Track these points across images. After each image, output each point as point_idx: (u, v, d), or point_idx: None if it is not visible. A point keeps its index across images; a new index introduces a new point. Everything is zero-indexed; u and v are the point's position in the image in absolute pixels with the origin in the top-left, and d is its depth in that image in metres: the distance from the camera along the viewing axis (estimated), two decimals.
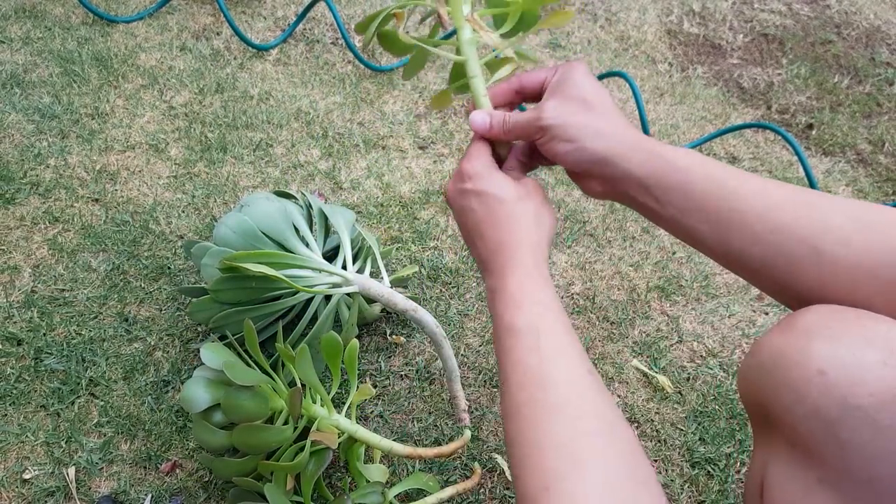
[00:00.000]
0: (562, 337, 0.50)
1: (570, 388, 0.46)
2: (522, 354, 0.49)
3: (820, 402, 0.43)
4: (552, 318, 0.51)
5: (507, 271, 0.54)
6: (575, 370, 0.48)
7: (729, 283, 1.12)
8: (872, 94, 1.56)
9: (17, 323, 0.97)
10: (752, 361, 0.51)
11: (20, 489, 0.82)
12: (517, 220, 0.55)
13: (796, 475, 0.46)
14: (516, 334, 0.50)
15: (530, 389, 0.47)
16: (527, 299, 0.52)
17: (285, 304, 0.88)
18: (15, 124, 1.25)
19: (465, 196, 0.58)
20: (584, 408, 0.45)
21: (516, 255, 0.54)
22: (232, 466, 0.75)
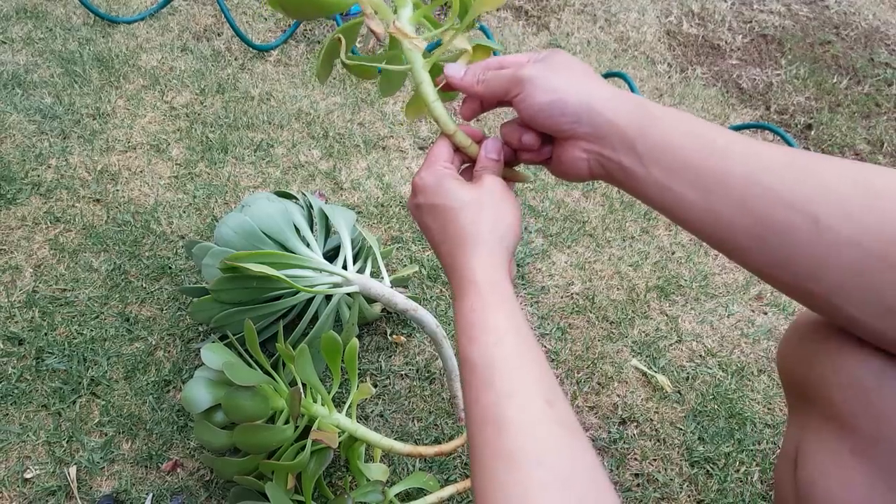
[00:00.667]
0: (517, 369, 0.46)
1: (524, 431, 0.43)
2: (479, 391, 0.46)
3: (857, 371, 0.44)
4: (507, 346, 0.47)
5: (461, 292, 0.50)
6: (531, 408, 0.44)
7: (728, 283, 1.12)
8: (871, 95, 1.56)
9: (18, 323, 0.97)
10: (792, 334, 0.51)
11: (21, 488, 0.82)
12: (470, 230, 0.52)
13: (830, 447, 0.46)
14: (471, 368, 0.47)
15: (487, 431, 0.44)
16: (479, 327, 0.48)
17: (286, 304, 0.88)
18: (16, 124, 1.25)
19: (419, 211, 0.55)
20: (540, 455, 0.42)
21: (468, 272, 0.51)
22: (233, 466, 0.75)
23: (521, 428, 0.43)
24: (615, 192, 1.25)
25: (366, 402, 0.93)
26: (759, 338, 1.04)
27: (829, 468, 0.46)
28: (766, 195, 0.43)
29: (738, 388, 0.98)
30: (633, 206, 1.23)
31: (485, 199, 0.53)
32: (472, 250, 0.51)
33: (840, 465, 0.46)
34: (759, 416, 0.94)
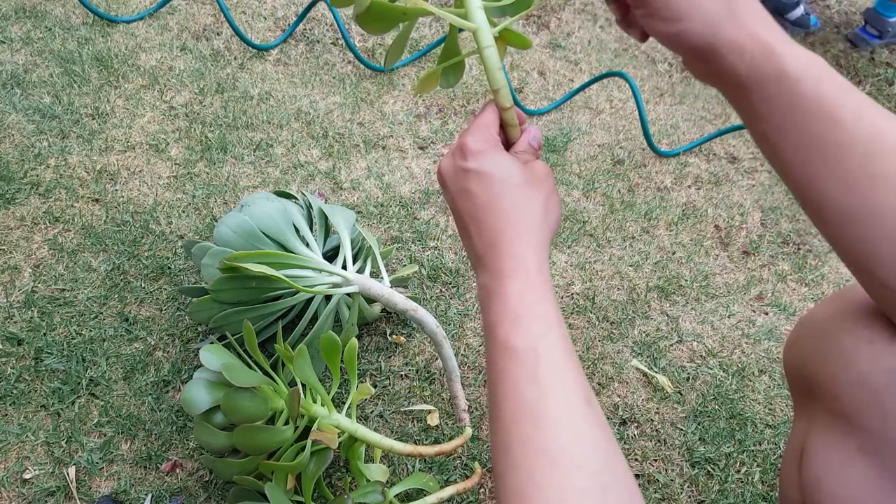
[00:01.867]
0: (562, 363, 0.44)
1: (567, 431, 0.41)
2: (518, 383, 0.43)
3: (867, 370, 0.44)
4: (553, 338, 0.44)
5: (506, 273, 0.47)
6: (574, 406, 0.42)
7: (728, 283, 1.12)
8: (872, 94, 1.56)
9: (17, 323, 0.97)
10: (801, 331, 0.51)
11: (20, 489, 0.82)
12: (523, 210, 0.48)
13: (836, 444, 0.46)
14: (513, 356, 0.44)
15: (524, 426, 0.42)
16: (526, 313, 0.45)
17: (285, 304, 0.88)
18: (15, 124, 1.25)
19: (464, 176, 0.50)
20: (579, 457, 0.40)
21: (518, 253, 0.47)
22: (233, 467, 0.75)
23: (563, 428, 0.41)
24: (615, 192, 1.25)
25: (365, 402, 0.93)
26: (760, 338, 1.04)
27: (834, 466, 0.46)
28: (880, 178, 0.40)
29: (738, 388, 0.97)
30: (634, 205, 1.23)
31: (541, 183, 0.49)
32: (525, 232, 0.47)
33: (846, 463, 0.45)
34: (759, 417, 0.94)
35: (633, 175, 1.29)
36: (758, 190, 1.30)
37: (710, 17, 0.43)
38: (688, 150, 1.36)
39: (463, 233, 0.51)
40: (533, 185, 0.49)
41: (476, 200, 0.49)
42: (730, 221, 1.23)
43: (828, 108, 0.41)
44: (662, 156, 1.34)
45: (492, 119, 0.52)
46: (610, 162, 1.31)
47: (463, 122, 1.37)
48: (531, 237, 0.47)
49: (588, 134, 1.38)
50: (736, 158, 1.36)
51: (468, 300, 1.05)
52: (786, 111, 0.42)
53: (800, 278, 1.15)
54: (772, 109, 0.43)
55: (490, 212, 0.48)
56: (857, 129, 0.41)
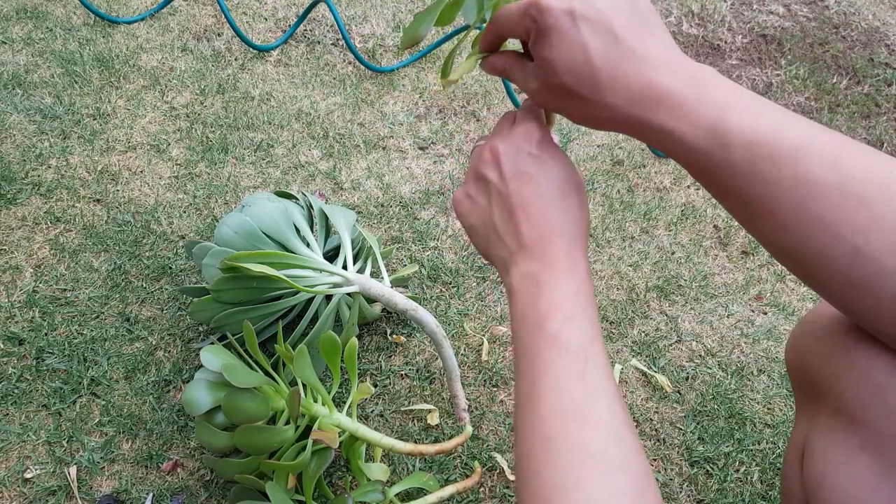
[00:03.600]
0: (606, 368, 0.44)
1: (610, 434, 0.41)
2: (565, 378, 0.42)
3: (872, 367, 0.44)
4: (599, 343, 0.44)
5: (562, 266, 0.46)
6: (616, 410, 0.42)
7: (728, 282, 1.12)
8: (871, 95, 1.56)
9: (18, 323, 0.97)
10: (805, 328, 0.52)
11: (22, 488, 0.82)
12: (577, 214, 0.48)
13: (839, 442, 0.47)
14: (563, 351, 0.43)
15: (566, 422, 0.41)
16: (580, 313, 0.45)
17: (286, 304, 0.89)
18: (16, 125, 1.25)
19: (529, 160, 0.48)
20: (621, 460, 0.40)
21: (574, 254, 0.46)
22: (234, 467, 0.75)
23: (608, 429, 0.41)
24: (615, 192, 1.25)
25: (366, 402, 0.93)
26: (759, 338, 1.04)
27: (837, 463, 0.46)
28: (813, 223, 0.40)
29: (737, 388, 0.98)
30: (633, 206, 1.23)
31: (584, 190, 0.50)
32: (578, 236, 0.47)
33: (849, 461, 0.46)
34: (758, 416, 0.95)
35: (632, 175, 1.29)
36: None
37: (589, 106, 0.44)
38: None
39: (505, 219, 0.49)
40: (583, 190, 0.49)
41: (538, 189, 0.48)
42: (729, 221, 1.23)
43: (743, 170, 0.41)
44: (662, 156, 1.34)
45: (542, 114, 0.51)
46: (609, 162, 1.32)
47: (463, 123, 1.37)
48: (581, 240, 0.48)
49: (587, 134, 1.38)
50: None
51: (468, 300, 1.06)
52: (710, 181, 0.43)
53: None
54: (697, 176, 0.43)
55: (550, 205, 0.47)
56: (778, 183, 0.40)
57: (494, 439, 0.90)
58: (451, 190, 1.23)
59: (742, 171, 0.41)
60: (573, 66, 0.43)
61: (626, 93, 0.42)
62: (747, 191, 0.41)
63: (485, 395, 0.95)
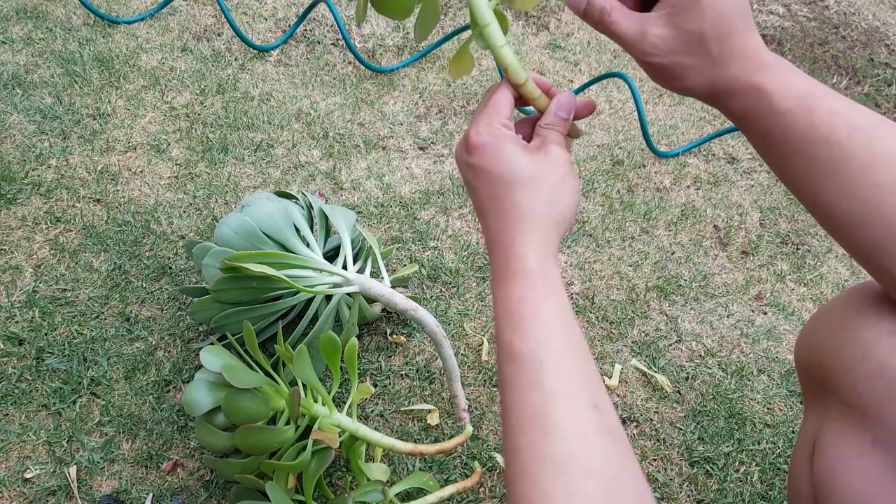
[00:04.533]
0: (567, 367, 0.43)
1: (574, 438, 0.41)
2: (523, 389, 0.43)
3: (887, 361, 0.44)
4: (558, 342, 0.44)
5: (507, 276, 0.46)
6: (581, 411, 0.42)
7: (727, 283, 1.12)
8: (871, 95, 1.56)
9: (18, 323, 0.97)
10: (817, 323, 0.52)
11: (22, 488, 0.82)
12: (524, 208, 0.46)
13: (850, 437, 0.47)
14: (517, 362, 0.43)
15: (531, 433, 0.41)
16: (528, 320, 0.44)
17: (286, 304, 0.89)
18: (16, 125, 1.25)
19: (467, 170, 0.49)
20: (587, 464, 0.40)
21: (518, 254, 0.46)
22: (235, 467, 0.75)
23: (570, 434, 0.41)
24: (615, 192, 1.25)
25: (366, 402, 0.93)
26: (759, 338, 1.04)
27: (848, 457, 0.46)
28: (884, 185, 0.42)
29: (737, 388, 0.98)
30: (633, 206, 1.23)
31: (547, 174, 0.47)
32: (524, 233, 0.46)
33: (861, 455, 0.46)
34: (758, 416, 0.95)
35: (632, 175, 1.29)
36: (756, 190, 1.30)
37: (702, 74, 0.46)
38: (687, 150, 1.36)
39: (479, 220, 0.51)
40: (537, 179, 0.47)
41: (479, 196, 0.49)
42: (729, 221, 1.23)
43: (822, 133, 0.44)
44: (661, 156, 1.34)
45: (503, 102, 0.50)
46: (609, 162, 1.32)
47: (463, 123, 1.37)
48: (531, 236, 0.46)
49: (587, 134, 1.38)
50: (735, 159, 1.37)
51: (468, 300, 1.06)
52: (784, 141, 0.45)
53: (798, 278, 1.15)
54: (770, 142, 0.46)
55: (491, 210, 0.48)
56: (852, 147, 0.43)
57: (494, 439, 0.90)
58: (450, 190, 1.23)
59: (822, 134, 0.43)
60: (724, 10, 0.44)
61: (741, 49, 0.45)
62: (824, 155, 0.43)
63: (485, 395, 0.95)
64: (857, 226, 0.44)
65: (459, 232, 1.15)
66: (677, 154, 1.35)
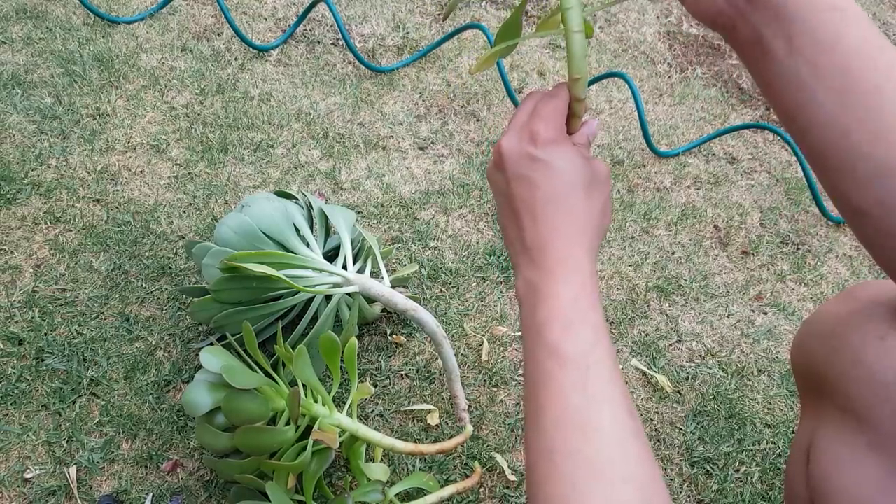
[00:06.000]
0: (610, 375, 0.43)
1: (613, 443, 0.41)
2: (566, 388, 0.42)
3: (876, 365, 0.44)
4: (603, 349, 0.44)
5: (561, 274, 0.45)
6: (620, 418, 0.42)
7: (728, 282, 1.12)
8: None
9: (18, 323, 0.97)
10: (810, 328, 0.52)
11: (21, 488, 0.82)
12: (583, 212, 0.46)
13: (845, 440, 0.47)
14: (562, 361, 0.43)
15: (569, 433, 0.41)
16: (579, 319, 0.44)
17: (286, 304, 0.89)
18: (16, 124, 1.25)
19: (529, 163, 0.47)
20: (625, 469, 0.40)
21: (574, 256, 0.46)
22: (235, 467, 0.75)
23: (610, 439, 0.41)
24: (615, 192, 1.25)
25: (366, 402, 0.93)
26: (759, 338, 1.04)
27: (844, 462, 0.46)
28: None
29: (737, 388, 0.98)
30: (633, 206, 1.23)
31: (604, 185, 0.48)
32: (582, 235, 0.46)
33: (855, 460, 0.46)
34: (758, 417, 0.95)
35: (632, 175, 1.29)
36: (757, 190, 1.30)
37: None
38: (687, 150, 1.36)
39: (511, 220, 0.49)
40: (595, 186, 0.47)
41: (537, 192, 0.47)
42: (729, 221, 1.23)
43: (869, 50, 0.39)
44: (662, 156, 1.34)
45: (564, 106, 0.49)
46: (609, 162, 1.32)
47: (463, 123, 1.37)
48: (587, 241, 0.46)
49: None
50: (735, 159, 1.37)
51: (468, 300, 1.06)
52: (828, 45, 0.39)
53: (799, 278, 1.15)
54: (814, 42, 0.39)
55: (551, 207, 0.46)
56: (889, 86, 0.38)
57: (494, 439, 0.90)
58: (451, 190, 1.23)
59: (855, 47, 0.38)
60: None
61: None
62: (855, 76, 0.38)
63: (485, 395, 0.95)
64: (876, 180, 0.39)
65: (459, 232, 1.15)
66: (677, 154, 1.35)
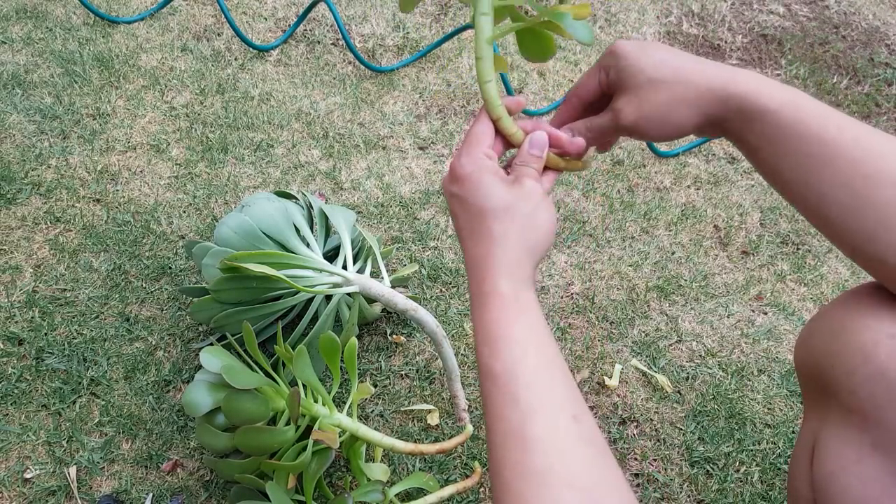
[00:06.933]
0: (543, 383, 0.45)
1: (554, 450, 0.42)
2: (502, 407, 0.45)
3: (886, 364, 0.44)
4: (532, 360, 0.46)
5: (483, 301, 0.49)
6: (558, 425, 0.43)
7: (728, 283, 1.12)
8: (871, 95, 1.56)
9: (18, 323, 0.97)
10: (816, 327, 0.52)
11: (21, 488, 0.82)
12: (499, 237, 0.49)
13: (850, 440, 0.47)
14: (494, 380, 0.45)
15: (512, 449, 0.43)
16: (502, 340, 0.46)
17: (286, 304, 0.89)
18: (16, 124, 1.25)
19: (450, 198, 0.53)
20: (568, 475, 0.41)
21: (492, 279, 0.49)
22: (235, 467, 0.75)
23: (549, 447, 0.42)
24: (615, 192, 1.25)
25: (366, 402, 0.93)
26: (759, 338, 1.04)
27: (848, 461, 0.46)
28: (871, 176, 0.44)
29: (738, 388, 0.98)
30: (633, 206, 1.23)
31: (520, 205, 0.50)
32: (497, 257, 0.49)
33: (860, 459, 0.46)
34: (759, 417, 0.95)
35: (632, 175, 1.29)
36: (757, 190, 1.30)
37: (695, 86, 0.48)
38: (687, 150, 1.36)
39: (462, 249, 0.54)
40: (510, 209, 0.50)
41: (458, 224, 0.52)
42: (729, 221, 1.23)
43: (812, 129, 0.46)
44: (662, 156, 1.34)
45: (484, 131, 0.53)
46: (609, 162, 1.32)
47: (463, 123, 1.37)
48: (504, 261, 0.49)
49: None
50: (735, 159, 1.36)
51: (468, 300, 1.06)
52: (775, 139, 0.47)
53: (799, 278, 1.15)
54: (763, 141, 0.47)
55: (469, 238, 0.51)
56: (841, 141, 0.45)
57: None
58: None
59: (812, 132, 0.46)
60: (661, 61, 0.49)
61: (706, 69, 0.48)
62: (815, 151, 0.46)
63: None
64: (848, 217, 0.45)
65: None
66: (677, 154, 1.35)
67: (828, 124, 0.46)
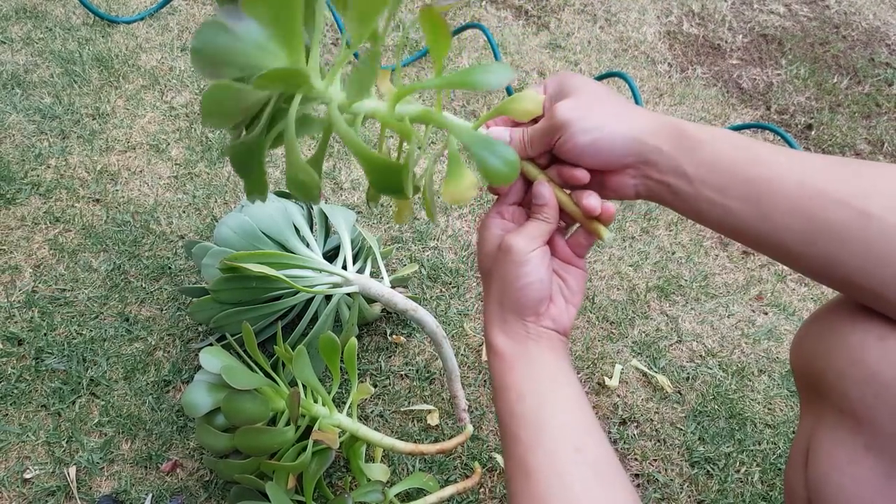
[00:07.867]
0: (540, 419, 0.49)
1: (554, 478, 0.46)
2: (509, 443, 0.50)
3: (877, 366, 0.44)
4: (528, 402, 0.50)
5: (489, 350, 0.54)
6: (559, 455, 0.47)
7: (728, 283, 1.12)
8: (872, 95, 1.56)
9: (17, 323, 0.97)
10: (810, 328, 0.52)
11: (21, 489, 0.82)
12: (487, 297, 0.54)
13: (843, 442, 0.47)
14: (500, 422, 0.51)
15: (518, 480, 0.48)
16: (501, 387, 0.52)
17: (286, 304, 0.88)
18: (16, 124, 1.25)
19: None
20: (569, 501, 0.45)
21: (491, 335, 0.53)
22: (235, 468, 0.75)
23: (548, 476, 0.46)
24: None
25: (366, 402, 0.93)
26: (760, 338, 1.04)
27: (842, 463, 0.46)
28: (818, 197, 0.44)
29: (738, 388, 0.97)
30: (633, 206, 1.23)
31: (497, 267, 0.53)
32: (490, 317, 0.54)
33: (853, 460, 0.46)
34: (759, 417, 0.94)
35: None
36: None
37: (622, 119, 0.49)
38: None
39: None
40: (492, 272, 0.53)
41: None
42: None
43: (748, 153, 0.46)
44: None
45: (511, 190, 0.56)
46: None
47: None
48: (495, 321, 0.53)
49: None
50: None
51: (468, 300, 1.06)
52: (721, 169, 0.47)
53: (799, 278, 1.15)
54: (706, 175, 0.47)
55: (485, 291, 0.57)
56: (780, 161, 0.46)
57: (494, 440, 0.90)
58: None
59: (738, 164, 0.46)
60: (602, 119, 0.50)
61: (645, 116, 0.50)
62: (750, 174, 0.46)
63: (485, 395, 0.95)
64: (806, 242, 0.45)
65: (459, 232, 1.15)
66: None
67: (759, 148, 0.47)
